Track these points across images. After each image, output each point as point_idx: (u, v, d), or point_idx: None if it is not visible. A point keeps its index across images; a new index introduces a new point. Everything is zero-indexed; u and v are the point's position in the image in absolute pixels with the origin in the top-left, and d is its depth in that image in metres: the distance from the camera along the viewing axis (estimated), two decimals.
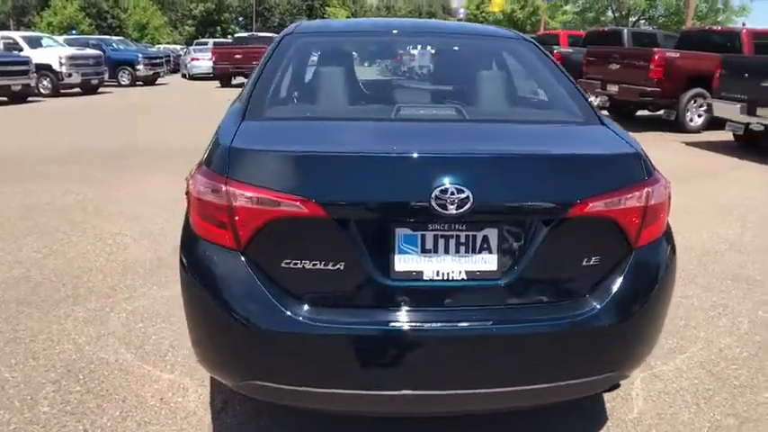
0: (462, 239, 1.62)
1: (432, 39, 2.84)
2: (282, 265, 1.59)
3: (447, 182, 1.53)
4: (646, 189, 1.69)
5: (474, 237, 1.62)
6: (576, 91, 2.19)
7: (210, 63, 20.23)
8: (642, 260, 1.75)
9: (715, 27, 12.29)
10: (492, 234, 1.62)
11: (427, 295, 1.65)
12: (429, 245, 1.61)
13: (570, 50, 13.73)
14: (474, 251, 1.63)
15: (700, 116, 9.91)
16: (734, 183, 6.28)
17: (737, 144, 8.41)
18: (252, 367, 1.67)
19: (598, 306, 1.68)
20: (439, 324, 1.62)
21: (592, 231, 1.69)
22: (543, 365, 1.68)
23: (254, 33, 22.98)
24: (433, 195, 1.52)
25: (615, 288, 1.70)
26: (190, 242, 1.73)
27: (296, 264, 1.59)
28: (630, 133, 1.98)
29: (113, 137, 8.30)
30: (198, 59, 22.86)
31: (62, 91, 14.76)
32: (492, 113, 2.24)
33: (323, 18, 68.72)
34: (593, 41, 12.86)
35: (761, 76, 7.75)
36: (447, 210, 1.53)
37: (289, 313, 1.58)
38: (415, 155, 1.62)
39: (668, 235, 1.89)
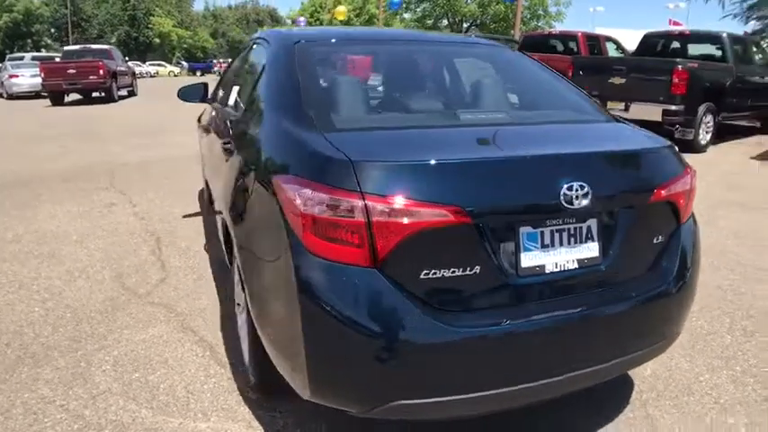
0: (572, 231, 1.74)
1: (440, 47, 2.89)
2: (422, 276, 1.54)
3: (573, 179, 1.65)
4: (688, 175, 1.98)
5: (581, 228, 1.75)
6: (578, 90, 2.41)
7: (35, 80, 17.81)
8: (686, 233, 2.02)
9: (554, 31, 13.85)
10: (593, 224, 1.77)
11: (549, 287, 1.72)
12: (547, 240, 1.70)
13: None
14: (581, 241, 1.75)
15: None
16: None
17: None
18: (398, 387, 1.57)
19: (671, 275, 1.91)
20: (564, 312, 1.71)
21: (659, 213, 1.92)
22: (641, 334, 1.86)
23: (88, 46, 20.71)
24: (562, 192, 1.63)
25: (677, 258, 1.95)
26: (305, 265, 1.56)
27: (435, 273, 1.55)
28: None
29: None
30: (18, 76, 19.97)
31: None
32: (536, 116, 2.34)
33: (148, 28, 64.33)
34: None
35: (607, 73, 9.00)
36: (573, 205, 1.65)
37: (435, 324, 1.53)
38: (541, 156, 1.73)
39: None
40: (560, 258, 1.73)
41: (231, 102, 2.97)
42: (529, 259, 1.68)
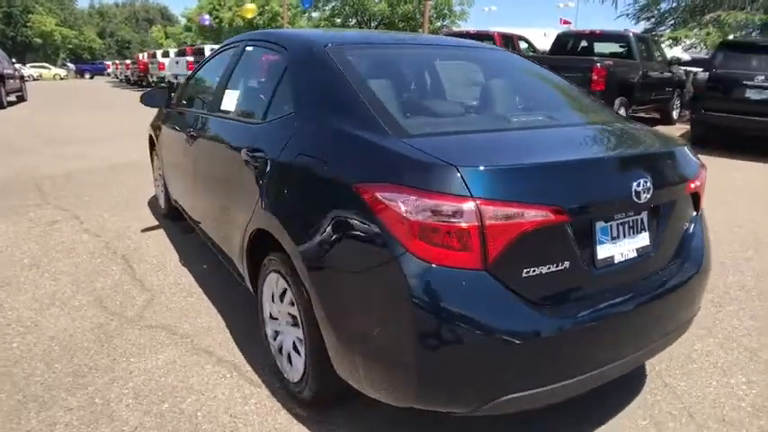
0: (631, 223, 1.87)
1: (455, 51, 2.94)
2: (523, 275, 1.59)
3: (640, 176, 1.80)
4: (704, 170, 2.19)
5: (637, 220, 1.89)
6: (584, 91, 2.57)
7: None
8: (701, 220, 2.25)
9: (471, 30, 14.32)
10: (644, 216, 1.92)
11: (618, 275, 1.84)
12: (615, 233, 1.82)
13: None
14: (638, 232, 1.89)
15: None
16: None
17: None
18: (506, 383, 1.61)
19: (697, 257, 2.12)
20: (633, 297, 1.85)
21: (687, 204, 2.12)
22: (682, 309, 2.06)
23: None
24: (633, 189, 1.77)
25: (700, 242, 2.17)
26: (415, 272, 1.54)
27: (534, 271, 1.61)
28: None
29: None
30: None
31: None
32: (571, 118, 2.44)
33: (26, 27, 58.78)
34: None
35: None
36: (640, 199, 1.79)
37: (540, 319, 1.60)
38: (617, 156, 1.89)
39: None
40: (624, 249, 1.85)
41: (230, 108, 2.80)
42: (603, 251, 1.79)
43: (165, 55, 24.58)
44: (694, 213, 2.20)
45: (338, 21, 29.96)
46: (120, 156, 7.61)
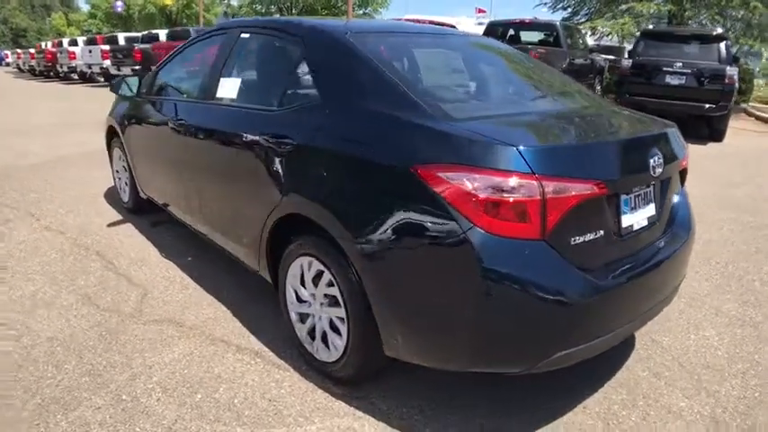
0: (643, 196, 2.09)
1: (459, 39, 3.03)
2: (571, 243, 1.77)
3: (655, 153, 2.04)
4: (687, 149, 2.46)
5: (648, 192, 2.12)
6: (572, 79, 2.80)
7: None
8: (685, 193, 2.54)
9: (405, 19, 14.48)
10: (652, 188, 2.15)
11: (636, 241, 2.07)
12: (633, 203, 2.03)
13: None
14: (647, 202, 2.12)
15: None
16: None
17: None
18: (561, 340, 1.78)
19: (688, 224, 2.42)
20: (649, 257, 2.09)
21: (677, 179, 2.39)
22: (681, 269, 2.34)
23: None
24: (651, 164, 2.00)
25: (687, 212, 2.47)
26: (483, 244, 1.66)
27: (579, 239, 1.80)
28: None
29: None
30: None
31: None
32: (570, 104, 2.59)
33: None
34: None
35: None
36: (655, 174, 2.02)
37: (588, 282, 1.78)
38: (640, 136, 2.12)
39: None
40: (639, 218, 2.07)
41: (230, 96, 2.75)
42: (626, 220, 2.00)
43: (74, 44, 22.91)
44: (681, 187, 2.49)
45: (259, 8, 29.16)
46: (57, 149, 7.14)
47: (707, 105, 8.46)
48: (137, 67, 16.95)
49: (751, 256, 4.01)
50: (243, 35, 2.85)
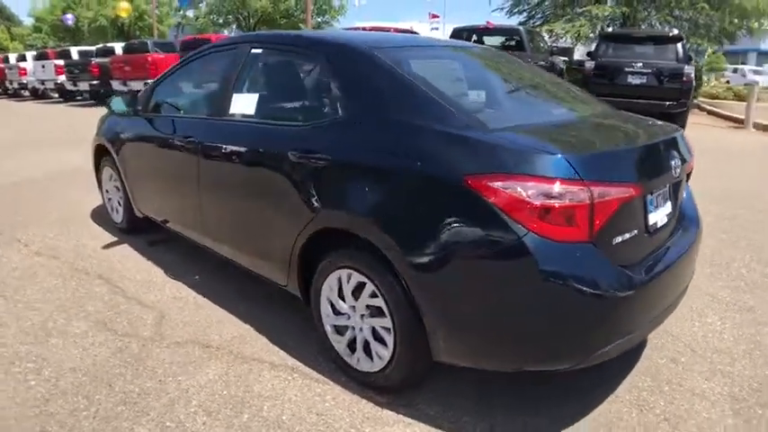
0: (664, 195, 2.23)
1: (472, 50, 3.12)
2: (613, 243, 1.88)
3: (675, 156, 2.22)
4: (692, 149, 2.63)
5: (666, 192, 2.26)
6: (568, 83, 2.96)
7: None
8: (690, 190, 2.72)
9: (366, 26, 14.58)
10: (668, 188, 2.28)
11: (659, 238, 2.20)
12: (656, 203, 2.16)
13: None
14: (665, 201, 2.26)
15: None
16: None
17: None
18: (606, 336, 1.88)
19: (697, 219, 2.60)
20: (672, 254, 2.22)
21: (685, 179, 2.52)
22: (694, 262, 2.49)
23: None
24: (673, 165, 2.16)
25: (694, 207, 2.66)
26: (540, 248, 1.74)
27: (618, 239, 1.91)
28: None
29: None
30: None
31: None
32: (584, 111, 2.70)
33: None
34: None
35: None
36: (676, 174, 2.19)
37: (631, 279, 1.90)
38: (664, 140, 2.25)
39: None
40: (660, 216, 2.21)
41: (246, 112, 2.73)
42: (652, 218, 2.12)
43: (22, 59, 22.04)
44: (686, 184, 2.64)
45: (216, 19, 28.79)
46: (32, 168, 6.88)
47: (668, 103, 8.88)
48: (95, 82, 16.45)
49: (732, 244, 4.25)
50: (254, 50, 2.84)
